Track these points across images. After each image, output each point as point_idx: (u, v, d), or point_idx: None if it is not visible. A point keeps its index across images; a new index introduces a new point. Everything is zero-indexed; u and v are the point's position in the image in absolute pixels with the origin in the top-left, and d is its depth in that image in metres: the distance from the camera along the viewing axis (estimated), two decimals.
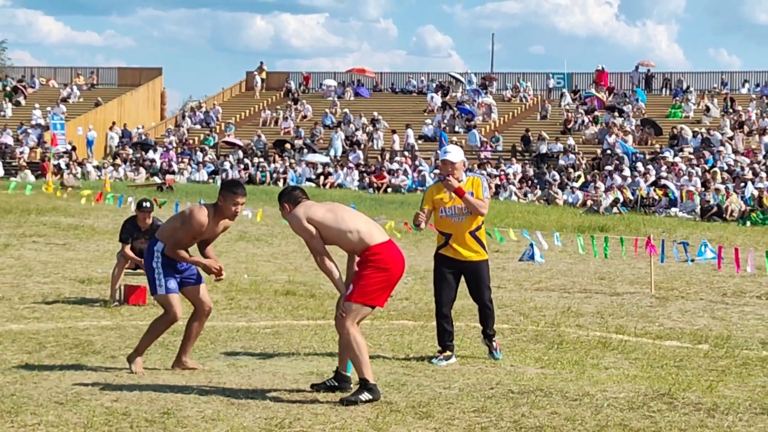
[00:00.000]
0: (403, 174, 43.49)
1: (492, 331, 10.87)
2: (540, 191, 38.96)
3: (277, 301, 14.74)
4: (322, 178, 44.79)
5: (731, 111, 48.38)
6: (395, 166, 44.28)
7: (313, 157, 47.77)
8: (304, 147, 50.15)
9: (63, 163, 46.78)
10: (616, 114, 49.06)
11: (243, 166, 47.67)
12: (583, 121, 49.43)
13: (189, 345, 9.95)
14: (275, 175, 45.87)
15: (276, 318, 13.34)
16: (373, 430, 7.84)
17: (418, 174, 43.35)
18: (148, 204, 14.64)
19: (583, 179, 39.85)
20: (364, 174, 44.62)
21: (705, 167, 37.98)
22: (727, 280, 17.76)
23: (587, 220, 29.42)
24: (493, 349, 10.84)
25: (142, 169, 48.42)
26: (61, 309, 13.62)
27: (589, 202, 35.02)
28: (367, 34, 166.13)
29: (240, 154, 49.42)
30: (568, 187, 38.07)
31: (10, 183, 32.42)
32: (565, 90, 54.80)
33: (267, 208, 27.44)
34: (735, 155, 41.12)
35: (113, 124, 55.15)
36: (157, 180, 43.93)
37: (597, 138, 46.92)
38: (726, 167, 38.53)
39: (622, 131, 46.00)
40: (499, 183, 40.43)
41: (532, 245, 20.38)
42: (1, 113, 58.06)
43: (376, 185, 42.69)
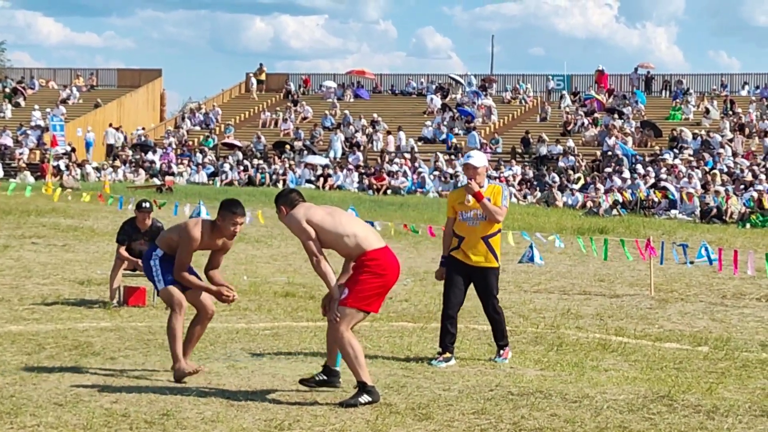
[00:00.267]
0: (403, 176, 43.50)
1: (503, 342, 10.87)
2: (540, 193, 38.97)
3: (276, 302, 14.73)
4: (321, 179, 44.79)
5: (731, 113, 48.40)
6: (395, 167, 44.29)
7: (312, 158, 47.77)
8: (303, 148, 50.16)
9: (62, 164, 46.78)
10: (616, 116, 49.08)
11: (242, 168, 47.67)
12: (582, 123, 49.45)
13: (190, 348, 9.90)
14: (275, 177, 45.87)
15: (275, 319, 13.34)
16: None
17: (417, 176, 43.35)
18: (147, 204, 14.62)
19: (582, 181, 39.85)
20: (364, 176, 44.63)
21: (705, 169, 37.98)
22: (727, 282, 17.76)
23: (587, 222, 29.43)
24: (499, 355, 10.85)
25: (141, 170, 48.42)
26: (61, 310, 13.61)
27: (589, 204, 35.02)
28: (367, 35, 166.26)
29: (239, 156, 49.42)
30: (568, 189, 38.08)
31: (9, 184, 32.39)
32: (565, 92, 54.82)
33: (266, 209, 27.36)
34: (735, 157, 41.14)
35: (110, 125, 55.08)
36: (156, 181, 43.94)
37: (597, 140, 46.93)
38: (726, 169, 38.55)
39: (622, 133, 46.01)
40: (498, 185, 40.33)
41: (531, 247, 20.37)
42: (1, 114, 58.09)
43: (375, 187, 42.69)
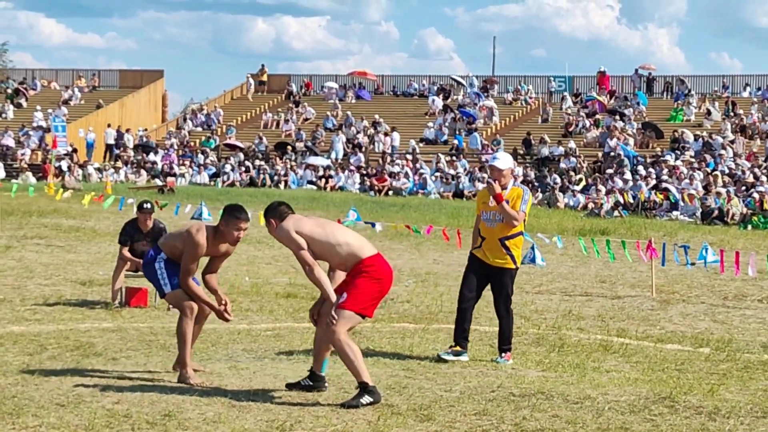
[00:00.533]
0: (404, 177, 43.50)
1: (506, 346, 10.90)
2: (541, 194, 38.95)
3: (278, 303, 14.74)
4: (323, 180, 44.81)
5: (732, 114, 48.39)
6: (396, 169, 44.29)
7: (314, 159, 47.79)
8: (305, 149, 50.18)
9: (64, 165, 46.80)
10: (618, 117, 49.07)
11: (244, 169, 47.68)
12: (584, 124, 49.45)
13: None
14: (276, 178, 45.89)
15: (277, 320, 13.35)
16: None
17: (419, 177, 43.35)
18: (149, 205, 14.62)
19: (584, 182, 39.85)
20: (365, 177, 44.63)
21: (706, 171, 37.97)
22: (729, 284, 17.76)
23: (588, 223, 29.42)
24: (501, 356, 10.87)
25: (143, 171, 48.43)
26: (63, 311, 13.61)
27: (591, 205, 35.01)
28: (369, 36, 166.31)
29: (241, 157, 49.43)
30: (569, 190, 38.07)
31: (12, 186, 32.40)
32: (567, 93, 54.82)
33: None
34: (736, 159, 41.13)
35: (108, 126, 55.06)
36: (158, 182, 43.94)
37: (598, 141, 46.93)
38: (727, 171, 38.54)
39: (624, 134, 46.01)
40: None
41: (533, 248, 20.37)
42: (3, 115, 58.13)
43: (377, 188, 42.70)
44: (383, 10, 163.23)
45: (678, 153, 42.99)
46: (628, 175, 38.73)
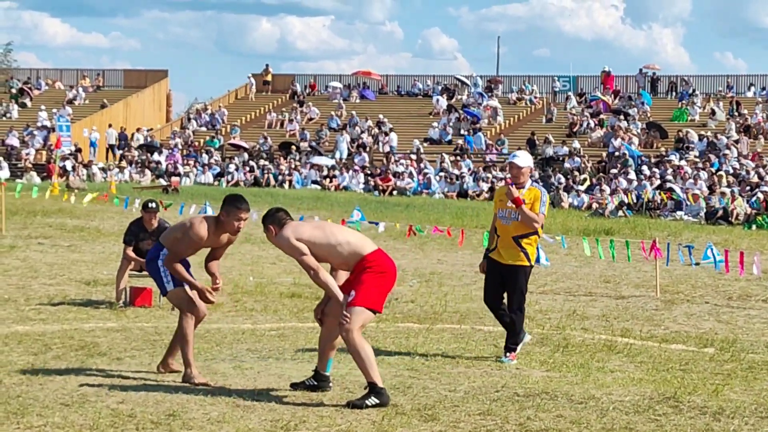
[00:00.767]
0: (409, 177, 43.51)
1: (513, 346, 10.93)
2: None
3: (282, 303, 14.75)
4: (327, 180, 44.82)
5: (737, 114, 48.36)
6: (400, 168, 44.30)
7: (318, 159, 47.82)
8: (309, 149, 50.21)
9: (69, 165, 46.84)
10: (622, 117, 49.06)
11: (248, 169, 47.71)
12: (588, 124, 49.44)
13: (176, 348, 9.86)
14: (280, 178, 45.91)
15: (281, 320, 13.35)
16: None
17: (423, 177, 43.36)
18: (154, 204, 14.61)
19: (588, 182, 39.84)
20: (370, 176, 44.64)
21: (710, 171, 37.96)
22: (733, 284, 17.75)
23: (592, 223, 29.41)
24: (506, 355, 10.89)
25: (147, 171, 48.47)
26: (67, 311, 13.63)
27: (595, 205, 35.00)
28: (373, 36, 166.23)
29: (245, 157, 49.46)
30: (574, 190, 38.06)
31: (16, 185, 32.42)
32: (571, 93, 54.82)
33: None
34: (740, 159, 41.10)
35: (109, 126, 55.08)
36: (162, 182, 43.97)
37: (602, 141, 46.92)
38: (731, 171, 38.52)
39: (628, 134, 45.99)
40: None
41: (537, 248, 20.34)
42: (8, 115, 58.18)
43: (381, 188, 42.71)
44: (387, 10, 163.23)
45: (682, 153, 42.97)
46: (633, 175, 38.72)
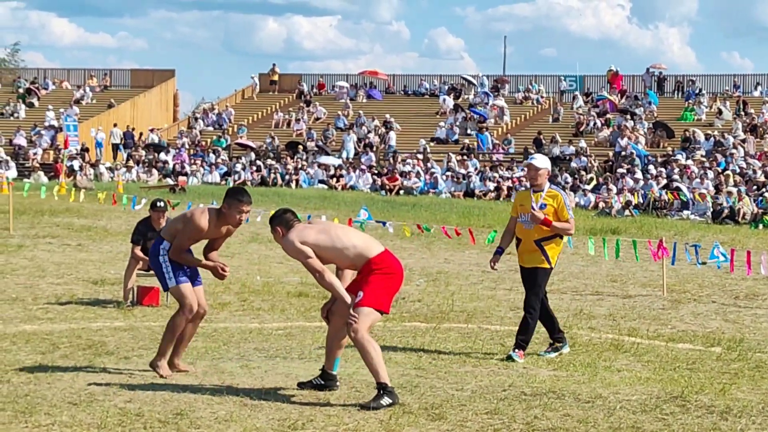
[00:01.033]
0: (416, 176, 43.51)
1: (523, 341, 10.99)
2: None
3: (289, 302, 14.77)
4: (334, 179, 44.84)
5: (743, 114, 48.29)
6: (407, 168, 44.30)
7: (325, 159, 47.81)
8: (316, 149, 50.21)
9: (76, 164, 46.87)
10: (628, 117, 49.01)
11: (255, 168, 47.71)
12: (595, 123, 49.40)
13: (182, 347, 9.87)
14: (287, 177, 45.92)
15: (288, 319, 13.37)
16: None
17: (430, 176, 43.35)
18: (162, 204, 14.63)
19: (595, 182, 39.80)
20: (376, 176, 44.63)
21: (717, 170, 37.90)
22: (740, 283, 17.74)
23: (599, 222, 29.39)
24: (515, 351, 10.92)
25: (154, 170, 48.49)
26: (75, 310, 13.66)
27: (601, 204, 34.99)
28: (380, 36, 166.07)
29: (252, 156, 49.47)
30: (580, 189, 38.03)
31: (24, 185, 32.47)
32: (577, 92, 54.75)
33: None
34: (747, 158, 41.05)
35: (114, 125, 55.10)
36: (169, 181, 43.99)
37: (609, 141, 46.87)
38: (738, 170, 38.46)
39: (635, 134, 45.95)
40: (511, 185, 40.44)
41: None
42: (15, 115, 58.21)
43: (388, 187, 42.71)
44: (394, 10, 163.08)
45: (689, 152, 42.92)
46: (639, 175, 38.67)
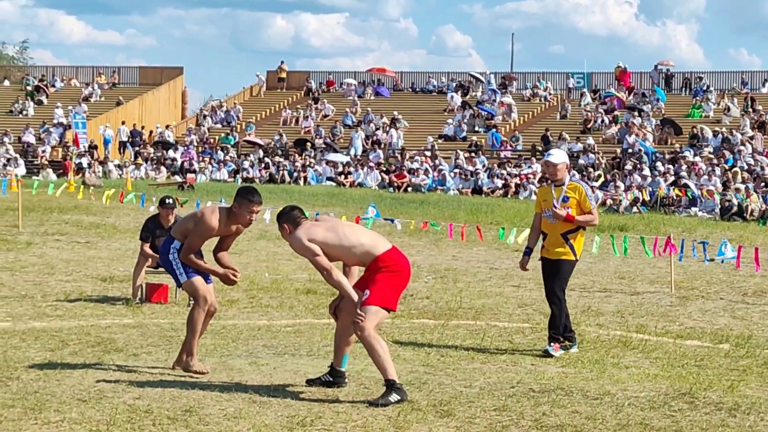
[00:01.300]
0: (424, 173, 43.51)
1: (556, 334, 11.12)
2: None
3: (298, 299, 14.79)
4: (342, 177, 44.85)
5: (751, 110, 48.22)
6: (415, 165, 44.30)
7: (333, 156, 47.84)
8: (324, 146, 50.24)
9: (85, 162, 46.94)
10: (636, 113, 48.96)
11: (263, 165, 47.75)
12: (602, 120, 49.36)
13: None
14: (295, 174, 45.94)
15: (297, 316, 13.39)
16: (395, 429, 7.87)
17: (438, 173, 43.35)
18: (171, 201, 14.67)
19: (602, 179, 39.78)
20: (384, 173, 44.63)
21: (725, 167, 37.86)
22: (748, 280, 17.73)
23: (607, 219, 29.37)
24: (550, 345, 11.09)
25: (163, 168, 48.55)
26: (84, 307, 13.69)
27: (609, 201, 34.97)
28: (387, 33, 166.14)
29: (261, 153, 49.51)
30: (588, 186, 38.00)
31: (33, 182, 32.54)
32: (585, 89, 54.71)
33: None
34: (755, 155, 41.00)
35: (122, 123, 55.15)
36: (178, 179, 44.03)
37: (617, 137, 46.83)
38: (746, 167, 38.41)
39: (642, 131, 45.91)
40: (519, 182, 40.44)
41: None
42: (24, 112, 58.31)
43: (396, 184, 42.71)
44: (402, 7, 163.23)
45: (697, 149, 42.87)
46: (647, 172, 38.65)
